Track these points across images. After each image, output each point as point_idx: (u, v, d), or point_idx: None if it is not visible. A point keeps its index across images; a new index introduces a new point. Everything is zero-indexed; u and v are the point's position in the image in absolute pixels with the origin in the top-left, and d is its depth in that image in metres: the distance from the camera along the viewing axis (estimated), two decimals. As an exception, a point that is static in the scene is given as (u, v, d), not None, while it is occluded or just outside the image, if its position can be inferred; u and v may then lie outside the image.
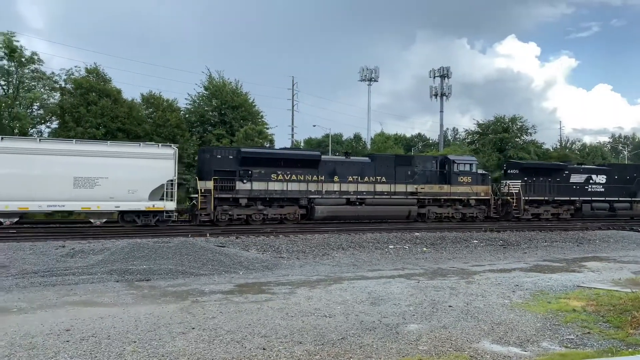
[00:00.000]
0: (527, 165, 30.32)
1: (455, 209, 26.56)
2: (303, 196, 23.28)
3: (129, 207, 20.09)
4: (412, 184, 25.58)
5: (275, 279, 11.82)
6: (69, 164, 19.06)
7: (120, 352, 6.00)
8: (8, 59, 29.57)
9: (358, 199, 24.27)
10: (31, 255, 13.22)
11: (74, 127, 28.95)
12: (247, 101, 37.78)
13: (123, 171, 19.81)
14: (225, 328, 7.20)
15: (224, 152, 22.98)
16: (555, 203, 29.61)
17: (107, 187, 19.54)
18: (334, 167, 24.53)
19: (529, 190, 28.74)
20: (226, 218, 21.99)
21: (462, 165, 26.96)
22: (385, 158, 26.76)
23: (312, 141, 63.91)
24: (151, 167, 20.37)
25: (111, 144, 20.88)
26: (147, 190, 20.28)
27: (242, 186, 22.33)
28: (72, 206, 19.64)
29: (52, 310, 8.35)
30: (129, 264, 12.30)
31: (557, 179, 29.81)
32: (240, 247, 16.05)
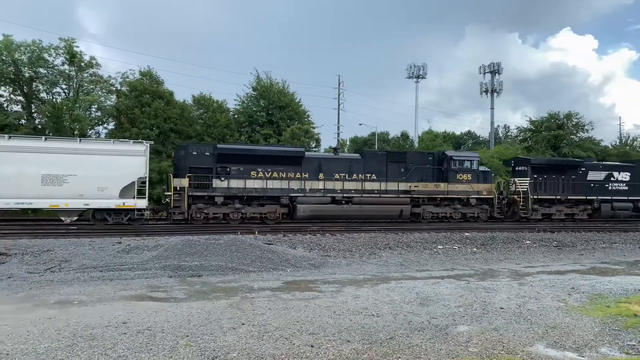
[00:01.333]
0: (537, 162, 28.24)
1: (454, 208, 24.94)
2: (284, 194, 22.32)
3: (98, 205, 19.81)
4: (405, 182, 24.22)
5: (322, 277, 11.87)
6: (37, 162, 18.98)
7: (174, 346, 6.20)
8: (69, 64, 31.13)
9: (344, 198, 23.11)
10: (90, 251, 13.86)
11: (129, 128, 30.17)
12: (293, 101, 38.15)
13: (92, 168, 19.54)
14: (274, 324, 7.30)
15: (199, 148, 22.29)
16: (569, 202, 27.29)
17: (76, 184, 19.33)
18: (319, 164, 23.40)
19: (538, 189, 26.72)
20: (201, 217, 21.42)
21: (461, 162, 25.25)
22: (376, 154, 25.39)
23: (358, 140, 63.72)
24: (121, 164, 19.95)
25: (82, 141, 20.46)
26: (118, 188, 19.88)
27: (219, 184, 21.66)
28: (40, 204, 19.39)
29: (109, 303, 8.72)
30: (182, 260, 12.69)
31: (572, 176, 27.55)
32: (287, 245, 16.23)
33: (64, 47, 30.59)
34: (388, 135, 60.57)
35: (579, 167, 28.12)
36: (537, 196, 26.43)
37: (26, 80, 30.61)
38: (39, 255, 13.37)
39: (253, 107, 37.85)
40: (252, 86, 38.38)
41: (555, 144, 44.60)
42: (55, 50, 30.64)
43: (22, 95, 31.26)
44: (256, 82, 38.29)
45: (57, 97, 31.61)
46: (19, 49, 29.66)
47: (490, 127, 59.52)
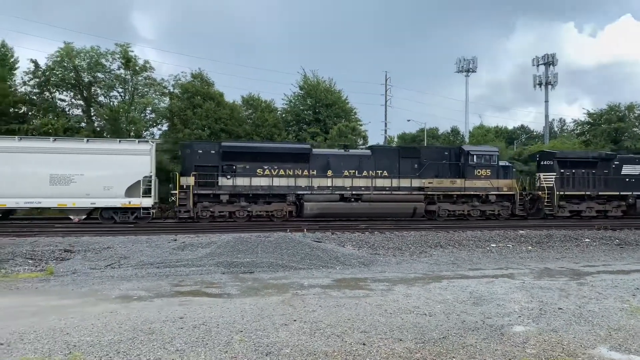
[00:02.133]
0: (564, 156, 26.69)
1: (472, 205, 23.93)
2: (291, 192, 21.98)
3: (104, 203, 20.18)
4: (418, 178, 23.36)
5: (371, 275, 11.82)
6: (46, 162, 19.53)
7: (229, 341, 6.35)
8: (124, 68, 32.44)
9: (353, 195, 22.51)
10: (147, 248, 14.39)
11: (182, 129, 31.11)
12: (340, 98, 38.20)
13: (98, 168, 19.95)
14: (325, 322, 7.34)
15: (205, 146, 22.31)
16: (600, 199, 25.64)
17: (82, 184, 19.76)
18: (327, 160, 22.93)
19: (566, 184, 25.26)
20: (207, 215, 21.45)
21: (479, 157, 24.06)
22: (387, 150, 24.83)
23: (406, 136, 62.91)
24: (127, 164, 20.25)
25: (89, 142, 20.96)
26: (123, 187, 20.18)
27: (225, 182, 21.56)
28: (49, 203, 19.94)
29: (166, 298, 9.04)
30: (234, 257, 12.98)
31: (605, 170, 25.89)
32: (336, 242, 16.25)
33: (119, 52, 31.93)
34: (437, 131, 59.47)
35: (612, 161, 26.30)
36: (563, 192, 25.01)
37: (85, 85, 32.15)
38: (99, 252, 14.00)
39: (300, 105, 38.19)
40: (299, 85, 38.73)
41: (615, 138, 42.44)
42: (111, 55, 32.04)
43: (82, 99, 32.87)
44: (303, 81, 38.59)
45: (114, 101, 33.05)
46: (79, 55, 31.18)
47: (545, 121, 57.35)
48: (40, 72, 31.05)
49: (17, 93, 30.73)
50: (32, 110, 31.38)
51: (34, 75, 31.18)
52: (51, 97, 32.20)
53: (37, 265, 12.61)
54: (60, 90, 32.42)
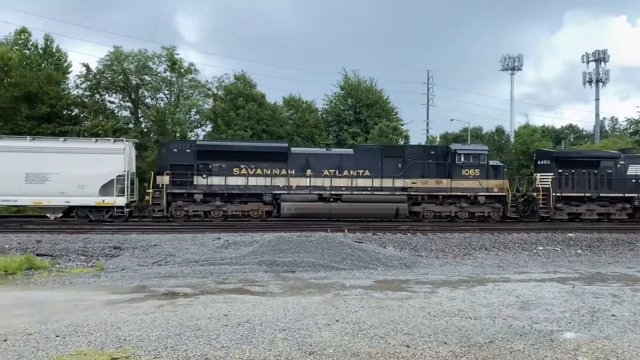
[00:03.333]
0: (562, 155, 25.21)
1: (460, 207, 22.66)
2: (267, 192, 21.53)
3: (79, 202, 20.29)
4: (402, 178, 22.35)
5: (414, 277, 11.69)
6: (22, 160, 19.81)
7: (272, 339, 6.42)
8: (170, 71, 33.36)
9: (332, 195, 21.81)
10: (192, 246, 14.74)
11: (225, 129, 31.70)
12: (381, 98, 38.01)
13: (73, 167, 20.04)
14: (368, 323, 7.31)
15: (180, 145, 22.09)
16: (603, 201, 23.83)
17: (57, 182, 19.92)
18: (307, 160, 22.26)
19: (564, 185, 23.63)
20: (181, 214, 21.25)
21: (466, 156, 22.81)
22: (370, 149, 23.70)
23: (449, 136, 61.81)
24: (100, 163, 20.33)
25: (65, 141, 21.03)
26: (97, 186, 20.28)
27: (200, 181, 21.28)
28: (24, 201, 20.29)
29: (211, 295, 9.22)
30: (276, 256, 13.10)
31: (608, 170, 24.05)
32: (377, 243, 16.16)
33: (165, 55, 32.86)
34: (481, 130, 58.16)
35: (616, 160, 24.39)
36: (561, 193, 23.41)
37: (133, 87, 33.26)
38: (147, 249, 14.45)
39: (341, 106, 38.19)
40: (340, 85, 38.77)
41: (672, 137, 40.34)
42: (158, 58, 33.02)
43: (130, 101, 34.03)
44: (344, 81, 38.59)
45: (161, 102, 34.02)
46: (127, 58, 32.29)
47: (595, 120, 55.16)
48: (92, 76, 32.35)
49: (70, 96, 32.10)
50: (83, 112, 32.71)
51: (85, 79, 32.51)
52: (101, 100, 33.48)
53: (89, 262, 13.14)
54: (110, 93, 33.69)
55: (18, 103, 29.22)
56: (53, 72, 31.51)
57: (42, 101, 29.39)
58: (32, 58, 33.00)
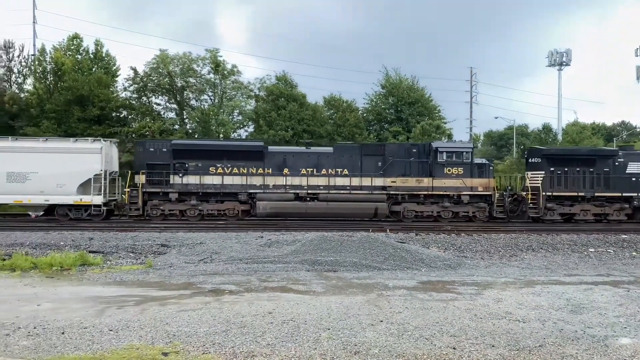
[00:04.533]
0: (553, 152, 23.95)
1: (443, 206, 21.96)
2: (242, 191, 21.48)
3: (57, 200, 20.83)
4: (381, 177, 21.87)
5: (459, 278, 11.48)
6: (4, 160, 20.53)
7: (317, 338, 6.46)
8: (214, 73, 34.08)
9: (309, 194, 21.57)
10: (236, 244, 15.00)
11: (267, 130, 32.09)
12: (423, 96, 37.56)
13: (52, 166, 20.55)
14: (412, 324, 7.23)
15: (156, 145, 22.20)
16: (598, 200, 22.55)
17: (37, 181, 20.51)
18: (284, 158, 22.14)
19: (556, 184, 22.50)
20: (158, 213, 21.42)
21: (449, 154, 22.08)
22: (349, 147, 23.25)
23: (493, 134, 60.46)
24: (78, 162, 20.80)
25: (46, 141, 21.70)
26: (75, 185, 20.78)
27: (176, 180, 21.45)
28: (6, 199, 21.09)
29: (255, 293, 9.36)
30: (318, 255, 13.15)
31: (605, 169, 22.68)
32: (420, 244, 15.96)
33: (209, 57, 33.58)
34: (527, 128, 56.57)
35: (614, 158, 23.02)
36: (552, 193, 22.28)
37: (179, 89, 34.16)
38: (193, 247, 14.80)
39: (382, 104, 37.96)
40: (380, 84, 38.56)
41: None
42: (202, 60, 33.80)
43: (175, 103, 34.99)
44: (385, 80, 38.35)
45: (205, 104, 34.82)
46: (173, 61, 33.21)
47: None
48: (139, 79, 33.46)
49: (119, 98, 33.30)
50: (131, 114, 33.87)
51: (133, 82, 33.65)
52: (148, 102, 34.57)
53: (138, 259, 13.57)
54: (156, 95, 34.74)
55: (71, 106, 30.57)
56: (103, 75, 32.77)
57: (93, 104, 30.63)
58: (83, 62, 34.42)
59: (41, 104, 30.83)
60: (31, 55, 36.30)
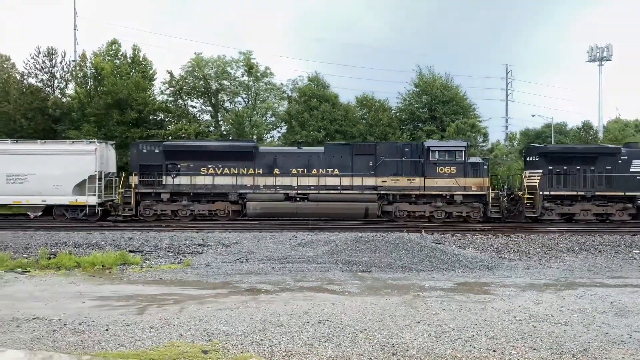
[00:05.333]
0: (551, 150, 23.08)
1: (435, 206, 21.50)
2: (233, 191, 21.61)
3: (54, 201, 21.38)
4: (372, 177, 21.61)
5: (497, 279, 11.26)
6: (4, 162, 21.23)
7: (354, 338, 6.45)
8: (247, 75, 34.49)
9: (299, 194, 21.51)
10: (271, 244, 15.13)
11: (299, 131, 32.25)
12: (458, 95, 36.98)
13: (48, 168, 21.12)
14: (450, 325, 7.14)
15: (149, 146, 22.48)
16: (599, 200, 21.65)
17: (35, 182, 21.12)
18: (274, 159, 22.13)
19: (555, 183, 21.73)
20: (150, 213, 21.74)
21: (441, 153, 21.63)
22: (340, 147, 23.04)
23: (530, 132, 58.87)
24: (73, 164, 21.33)
25: (43, 143, 22.42)
26: (70, 185, 21.27)
27: (169, 181, 21.75)
28: (5, 200, 21.72)
29: (291, 293, 9.42)
30: (352, 256, 13.13)
31: (607, 167, 21.75)
32: (456, 245, 15.75)
33: (243, 60, 34.00)
34: (565, 126, 54.95)
35: (617, 156, 22.04)
36: (550, 192, 21.52)
37: (213, 92, 34.72)
38: (229, 247, 15.02)
39: (415, 103, 37.59)
40: (413, 83, 38.18)
41: None
42: (236, 63, 34.24)
43: (210, 105, 35.60)
44: (418, 79, 37.96)
45: (239, 106, 35.27)
46: (207, 64, 33.77)
47: (699, 112, 50.21)
48: (175, 82, 34.16)
49: (156, 102, 34.09)
50: (168, 116, 34.62)
51: (169, 85, 34.39)
52: (184, 104, 35.26)
53: (176, 258, 13.86)
54: (192, 98, 35.40)
55: (110, 109, 31.46)
56: (140, 79, 33.61)
57: (131, 107, 31.46)
58: (121, 67, 35.37)
59: (82, 108, 31.85)
60: (72, 61, 37.57)
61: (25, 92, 33.15)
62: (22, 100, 32.27)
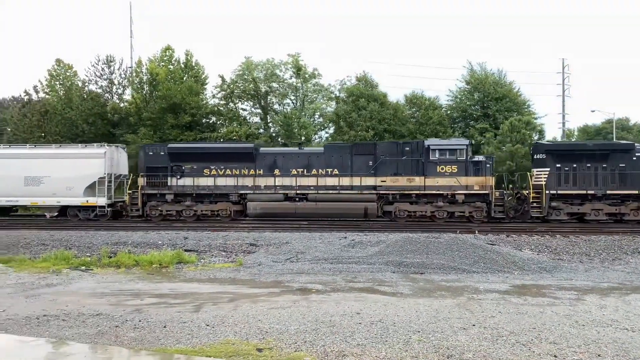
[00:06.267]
0: (559, 148, 22.23)
1: (437, 206, 21.02)
2: (233, 191, 22.00)
3: (67, 202, 22.49)
4: (372, 176, 21.41)
5: (556, 282, 10.82)
6: (21, 166, 22.48)
7: (407, 340, 6.37)
8: (295, 77, 34.80)
9: (298, 195, 21.58)
10: (321, 244, 15.19)
11: (347, 131, 32.19)
12: (511, 91, 35.79)
13: (62, 170, 22.23)
14: (507, 329, 6.92)
15: (155, 148, 23.09)
16: (611, 199, 20.44)
17: (50, 184, 22.28)
18: (274, 159, 22.31)
19: (563, 182, 20.76)
20: (156, 214, 22.35)
21: (442, 152, 21.10)
22: (339, 147, 22.90)
23: (589, 129, 56.26)
24: (84, 166, 22.39)
25: (57, 147, 23.78)
26: (82, 187, 22.27)
27: (174, 182, 22.34)
28: (24, 201, 22.99)
29: (342, 293, 9.42)
30: (403, 257, 12.98)
31: (621, 164, 20.47)
32: (512, 246, 15.28)
33: (291, 62, 34.34)
34: (628, 121, 52.13)
35: (631, 152, 20.67)
36: (557, 191, 20.53)
37: (263, 94, 35.26)
38: (279, 246, 15.21)
39: (467, 101, 36.70)
40: (465, 80, 37.30)
41: None
42: (284, 65, 34.62)
43: (260, 108, 36.20)
44: (469, 75, 37.05)
45: (287, 108, 35.64)
46: (257, 68, 34.35)
47: None
48: (226, 86, 34.95)
49: (208, 105, 35.01)
50: (219, 119, 35.47)
51: (220, 89, 35.23)
52: (234, 107, 36.02)
53: (229, 257, 14.18)
54: (242, 101, 36.11)
55: (165, 113, 32.58)
56: (193, 83, 34.61)
57: (184, 111, 32.45)
58: (175, 72, 36.57)
59: (138, 113, 33.16)
60: (129, 68, 39.19)
61: (87, 99, 34.93)
62: (83, 106, 34.03)
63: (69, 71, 37.93)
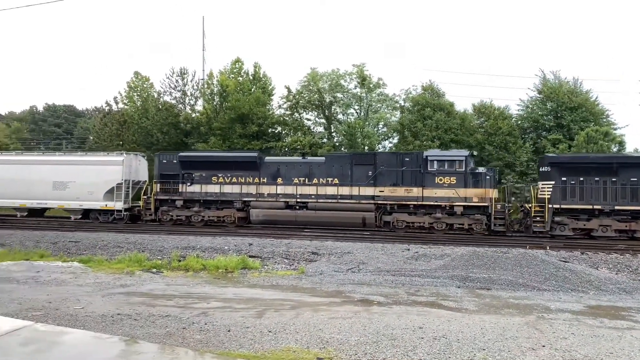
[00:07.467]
0: (565, 160, 21.29)
1: (435, 217, 20.97)
2: (237, 199, 22.98)
3: (89, 206, 24.38)
4: (371, 187, 21.79)
5: (636, 305, 10.07)
6: (50, 171, 24.46)
7: (472, 357, 6.16)
8: (360, 87, 34.87)
9: (298, 203, 22.19)
10: (383, 256, 15.06)
11: (412, 141, 31.79)
12: (588, 100, 33.88)
13: (85, 176, 24.20)
14: (581, 352, 6.53)
15: (167, 156, 24.51)
16: (621, 215, 19.48)
17: (74, 189, 24.28)
18: (278, 168, 23.13)
19: (569, 195, 20.00)
20: (167, 219, 23.71)
21: (440, 163, 21.16)
22: (340, 157, 23.54)
23: (677, 141, 52.10)
24: (104, 173, 24.22)
25: (82, 154, 26.09)
26: (101, 192, 24.12)
27: (183, 189, 23.60)
28: (53, 204, 25.05)
29: (404, 306, 9.26)
30: (469, 272, 12.59)
31: (632, 178, 19.45)
32: (587, 264, 14.41)
33: (356, 72, 34.46)
34: None
35: None
36: (560, 205, 19.82)
37: (327, 105, 35.60)
38: (341, 256, 15.22)
39: (539, 111, 35.15)
40: (537, 89, 35.79)
41: None
42: (349, 76, 34.81)
43: (324, 118, 36.53)
44: (542, 84, 35.52)
45: (351, 117, 35.73)
46: (322, 78, 34.76)
47: None
48: (292, 96, 35.63)
49: (274, 115, 35.83)
50: (285, 129, 36.18)
51: (286, 99, 35.96)
52: (299, 117, 36.61)
53: (291, 264, 14.36)
54: (307, 111, 36.63)
55: (233, 123, 33.69)
56: (260, 94, 35.57)
57: (252, 121, 33.40)
58: (244, 84, 37.76)
59: (209, 123, 34.51)
60: (201, 80, 40.91)
61: (161, 109, 36.81)
62: (158, 116, 35.90)
63: (145, 83, 40.14)
